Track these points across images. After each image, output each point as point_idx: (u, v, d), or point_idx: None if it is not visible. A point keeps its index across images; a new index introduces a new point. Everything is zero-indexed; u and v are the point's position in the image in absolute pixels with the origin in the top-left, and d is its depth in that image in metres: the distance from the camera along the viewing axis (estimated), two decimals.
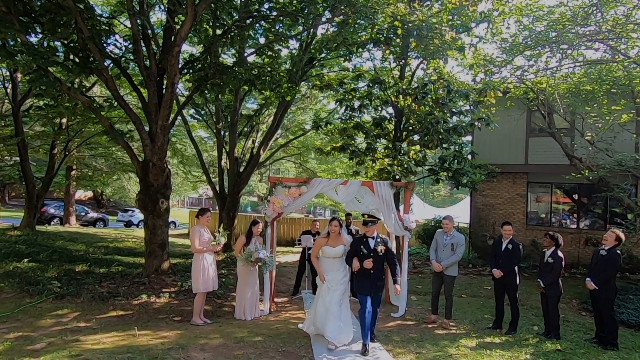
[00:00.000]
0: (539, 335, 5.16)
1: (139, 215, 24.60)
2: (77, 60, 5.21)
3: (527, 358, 4.25)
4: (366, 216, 4.46)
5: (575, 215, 11.43)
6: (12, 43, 4.73)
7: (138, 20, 5.48)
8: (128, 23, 6.04)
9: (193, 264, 4.92)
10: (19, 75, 10.68)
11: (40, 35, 5.08)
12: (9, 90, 12.02)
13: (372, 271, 4.22)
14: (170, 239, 13.73)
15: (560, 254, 5.17)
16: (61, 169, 14.77)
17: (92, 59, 5.30)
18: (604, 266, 4.83)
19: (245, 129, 12.84)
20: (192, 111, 13.16)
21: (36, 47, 4.78)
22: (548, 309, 5.17)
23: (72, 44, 5.15)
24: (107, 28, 5.52)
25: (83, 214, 21.02)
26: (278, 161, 18.18)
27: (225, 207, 11.65)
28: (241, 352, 3.81)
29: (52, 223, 18.66)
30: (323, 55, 9.47)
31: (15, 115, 10.77)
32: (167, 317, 5.03)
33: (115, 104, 6.26)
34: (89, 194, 30.87)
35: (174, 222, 26.20)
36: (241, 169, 11.80)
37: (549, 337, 5.05)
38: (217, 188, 12.34)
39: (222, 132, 12.10)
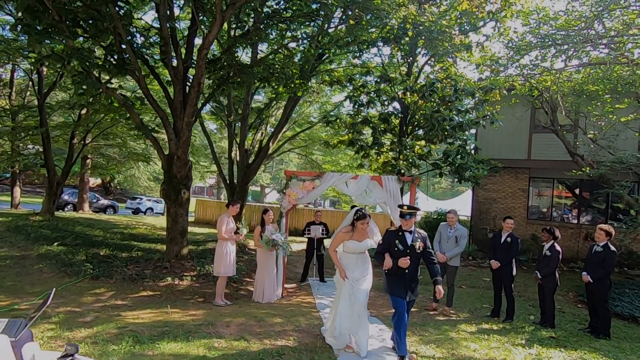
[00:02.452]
0: (535, 323, 5.50)
1: (146, 203, 25.21)
2: (113, 61, 5.59)
3: (522, 343, 4.59)
4: (405, 207, 3.75)
5: (576, 210, 11.70)
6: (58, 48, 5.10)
7: (168, 24, 5.81)
8: (146, 17, 6.31)
9: (217, 250, 5.37)
10: (45, 69, 11.05)
11: (82, 40, 5.44)
12: (31, 81, 12.41)
13: (407, 271, 3.65)
14: None
15: (557, 247, 5.43)
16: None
17: (127, 60, 5.68)
18: (601, 262, 5.07)
19: (255, 121, 13.18)
20: (206, 105, 13.47)
21: (81, 50, 5.16)
22: (544, 299, 5.50)
23: (110, 47, 5.52)
24: (140, 31, 5.86)
25: (94, 201, 21.57)
26: (283, 153, 18.56)
27: (234, 196, 12.07)
28: (262, 329, 4.27)
29: (65, 209, 19.25)
30: (333, 50, 9.71)
31: (40, 107, 11.19)
32: (191, 298, 5.51)
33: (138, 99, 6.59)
34: (98, 181, 31.47)
35: None
36: (250, 161, 12.19)
37: (545, 325, 5.38)
38: (227, 178, 12.75)
39: (233, 125, 12.46)
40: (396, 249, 3.68)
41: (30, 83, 14.69)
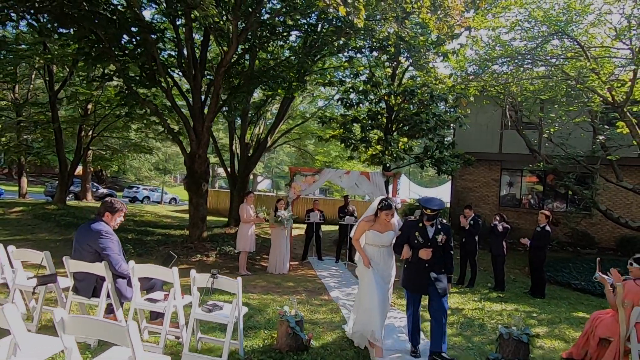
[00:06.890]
0: (489, 288, 7.02)
1: (143, 192, 26.10)
2: (145, 76, 6.66)
3: (475, 300, 6.07)
4: (429, 210, 3.36)
5: (540, 198, 13.36)
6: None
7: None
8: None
9: (239, 231, 6.72)
10: (55, 67, 11.79)
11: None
12: (43, 80, 13.05)
13: (426, 265, 3.40)
14: (175, 214, 15.22)
15: (506, 225, 7.00)
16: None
17: (157, 74, 6.76)
18: (539, 238, 6.63)
19: (254, 117, 14.25)
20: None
21: (126, 70, 6.24)
22: (496, 268, 7.06)
23: (143, 65, 6.60)
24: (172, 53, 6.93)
25: (94, 190, 22.39)
26: (280, 145, 19.70)
27: (236, 187, 13.25)
28: (280, 289, 5.65)
29: (67, 198, 20.00)
30: (325, 50, 10.75)
31: (52, 104, 11.97)
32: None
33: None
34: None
35: (174, 199, 27.64)
36: (249, 154, 13.33)
37: (497, 289, 6.92)
38: (229, 170, 13.88)
39: (234, 120, 13.53)
40: (416, 241, 3.45)
41: (34, 77, 15.25)
